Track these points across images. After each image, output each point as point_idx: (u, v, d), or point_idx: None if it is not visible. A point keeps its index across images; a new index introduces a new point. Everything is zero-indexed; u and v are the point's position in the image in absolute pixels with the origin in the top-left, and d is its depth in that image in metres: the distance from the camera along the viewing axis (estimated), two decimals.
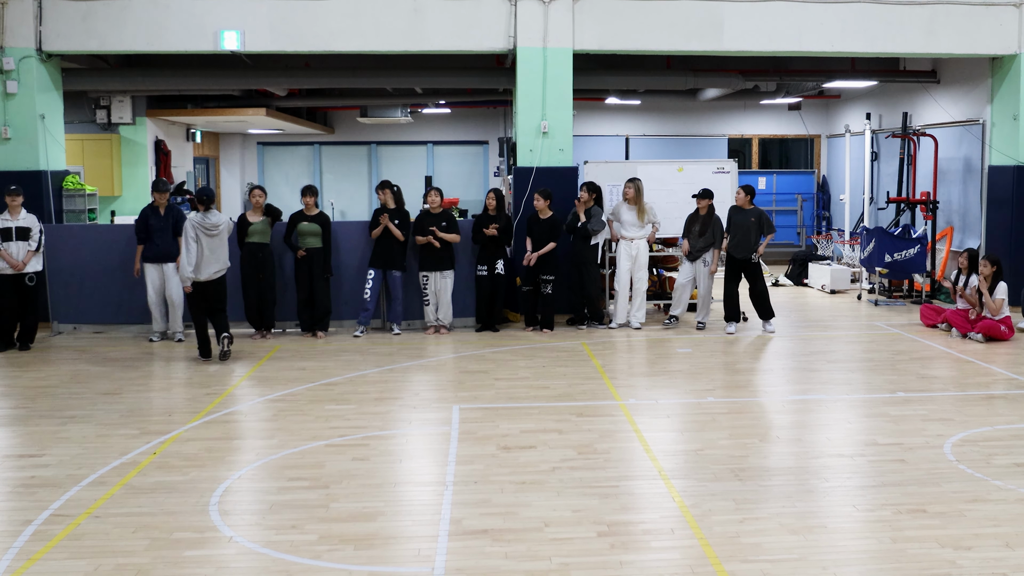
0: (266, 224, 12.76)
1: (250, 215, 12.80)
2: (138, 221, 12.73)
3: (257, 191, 12.93)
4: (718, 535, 5.99)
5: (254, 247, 12.65)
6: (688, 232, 13.26)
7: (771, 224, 13.15)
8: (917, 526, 6.14)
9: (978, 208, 15.92)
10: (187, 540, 5.97)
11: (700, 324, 13.40)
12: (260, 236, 12.67)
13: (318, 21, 13.61)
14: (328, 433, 8.32)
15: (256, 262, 12.67)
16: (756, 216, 13.03)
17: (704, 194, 13.17)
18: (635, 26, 13.86)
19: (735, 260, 13.13)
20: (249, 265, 12.67)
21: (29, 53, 13.50)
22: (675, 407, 9.27)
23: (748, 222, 12.99)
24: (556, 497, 6.70)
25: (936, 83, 17.41)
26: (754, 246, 12.97)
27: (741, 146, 23.65)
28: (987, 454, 7.64)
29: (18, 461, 7.61)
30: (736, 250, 13.07)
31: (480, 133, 24.49)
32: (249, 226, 12.67)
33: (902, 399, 9.46)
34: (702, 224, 13.15)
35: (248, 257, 12.68)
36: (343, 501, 6.64)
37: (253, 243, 12.65)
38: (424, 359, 11.49)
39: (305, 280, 12.87)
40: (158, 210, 12.67)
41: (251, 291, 12.71)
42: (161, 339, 12.80)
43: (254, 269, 12.66)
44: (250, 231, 12.65)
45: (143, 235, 12.60)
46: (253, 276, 12.67)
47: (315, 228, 12.86)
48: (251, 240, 12.65)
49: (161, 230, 12.58)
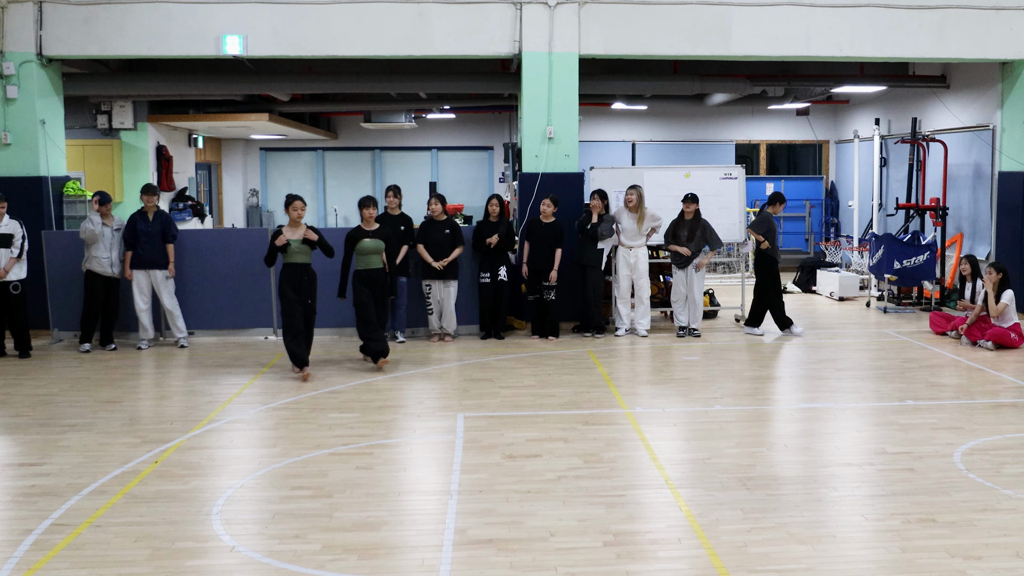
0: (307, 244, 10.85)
1: (289, 231, 10.80)
2: (126, 227, 12.61)
3: (298, 203, 10.88)
4: (725, 545, 5.93)
5: (295, 269, 10.71)
6: (675, 237, 13.20)
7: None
8: (927, 536, 6.08)
9: (988, 214, 15.84)
10: (189, 550, 5.92)
11: (695, 332, 13.34)
12: (302, 255, 10.75)
13: (321, 25, 13.56)
14: (331, 442, 8.26)
15: (300, 286, 10.73)
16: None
17: (691, 198, 13.18)
18: (642, 30, 13.79)
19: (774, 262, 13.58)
20: (292, 291, 10.70)
21: (29, 58, 13.46)
22: (682, 415, 9.19)
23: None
24: (562, 506, 6.64)
25: (946, 88, 17.34)
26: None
27: (749, 152, 23.59)
28: (997, 463, 7.58)
29: (18, 470, 7.56)
30: (774, 252, 13.51)
31: (485, 139, 24.45)
32: (287, 245, 10.72)
33: (911, 407, 9.38)
34: (689, 228, 13.12)
35: (287, 281, 10.71)
36: (347, 510, 6.58)
37: (294, 264, 10.71)
38: (428, 367, 11.43)
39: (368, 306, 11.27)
40: (146, 215, 12.57)
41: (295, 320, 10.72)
42: (150, 346, 12.75)
43: (298, 294, 10.71)
44: (289, 251, 10.70)
45: (131, 240, 12.51)
46: (297, 305, 10.70)
47: (379, 245, 11.23)
48: (292, 261, 10.72)
49: (149, 235, 12.48)
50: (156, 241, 12.52)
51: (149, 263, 12.54)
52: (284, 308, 10.77)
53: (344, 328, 13.28)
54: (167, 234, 12.62)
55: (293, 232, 10.77)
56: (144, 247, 12.48)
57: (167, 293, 12.68)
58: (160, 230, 12.56)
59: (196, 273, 13.12)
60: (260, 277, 13.19)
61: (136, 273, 12.54)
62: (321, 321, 13.18)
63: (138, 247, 12.49)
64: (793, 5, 13.91)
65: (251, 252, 13.16)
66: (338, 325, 13.28)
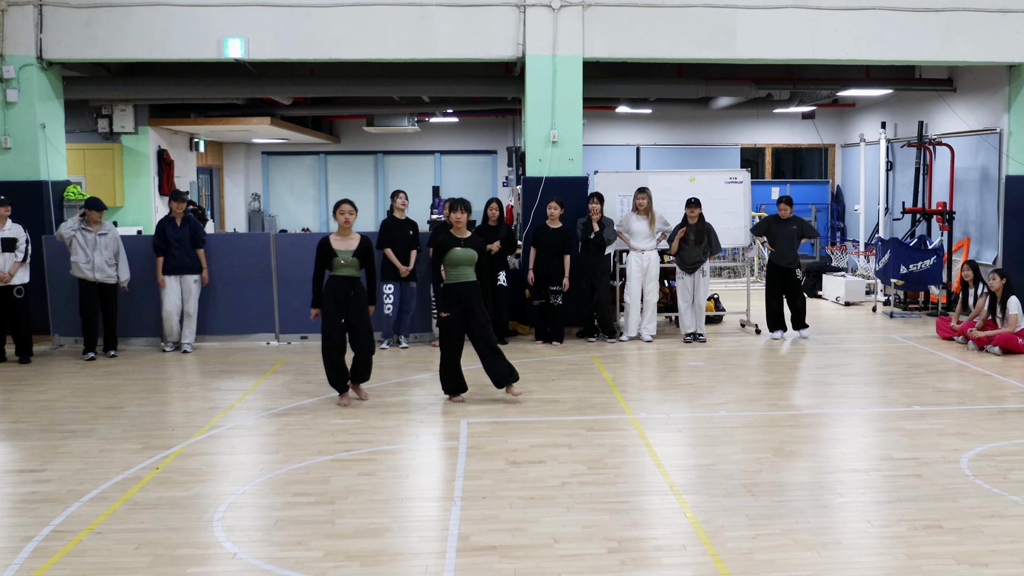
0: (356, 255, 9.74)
1: (336, 240, 9.70)
2: (156, 233, 12.70)
3: (346, 206, 9.75)
4: (731, 551, 5.90)
5: (340, 283, 9.63)
6: (683, 242, 13.12)
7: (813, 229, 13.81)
8: (933, 542, 6.04)
9: (995, 219, 15.76)
10: (190, 557, 5.88)
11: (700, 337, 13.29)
12: (350, 268, 9.62)
13: (324, 28, 13.51)
14: (334, 448, 8.22)
15: (344, 301, 9.65)
16: (798, 224, 13.65)
17: (695, 203, 13.11)
18: (646, 33, 13.73)
19: (778, 269, 13.60)
20: (335, 306, 9.63)
21: (30, 61, 13.39)
22: (687, 421, 9.15)
23: (790, 231, 13.51)
24: (566, 513, 6.60)
25: (952, 91, 17.28)
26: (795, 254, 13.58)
27: (754, 155, 23.56)
28: (1004, 469, 7.53)
29: (18, 476, 7.52)
30: (780, 259, 13.53)
31: (488, 142, 24.44)
32: (334, 256, 9.62)
33: (918, 413, 9.33)
34: (696, 232, 13.06)
35: (331, 294, 9.65)
36: (349, 517, 6.55)
37: (340, 277, 9.63)
38: (432, 372, 11.36)
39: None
40: (174, 221, 12.65)
41: (338, 337, 9.70)
42: (174, 349, 12.78)
43: (338, 310, 9.64)
44: (335, 262, 9.60)
45: (162, 246, 12.55)
46: (336, 321, 9.62)
47: (471, 256, 9.78)
48: (337, 273, 9.63)
49: (179, 240, 12.56)
50: (187, 246, 12.62)
51: (181, 268, 12.63)
52: (323, 325, 9.68)
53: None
54: (196, 239, 12.67)
55: (342, 241, 9.63)
56: (176, 253, 12.56)
57: (194, 299, 12.75)
58: (190, 235, 12.64)
59: None
60: (262, 282, 13.17)
61: (168, 279, 12.59)
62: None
63: (169, 253, 12.55)
64: (799, 8, 13.84)
65: (253, 257, 13.17)
66: None
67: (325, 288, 9.65)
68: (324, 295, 9.62)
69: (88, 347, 12.33)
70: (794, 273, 13.59)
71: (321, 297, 9.67)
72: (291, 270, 13.10)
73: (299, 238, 14.47)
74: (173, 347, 12.81)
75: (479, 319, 9.73)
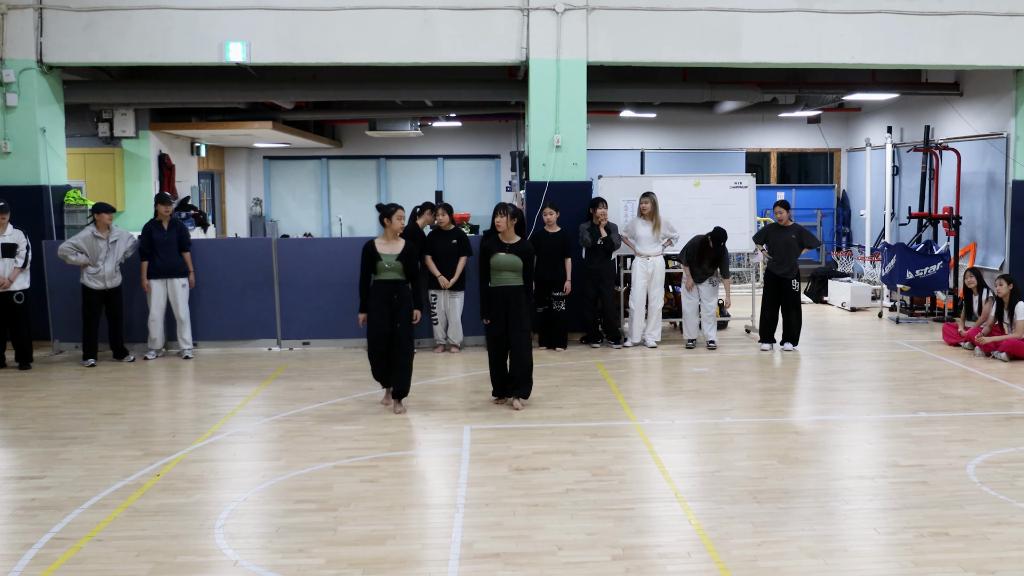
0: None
1: (381, 243, 9.63)
2: (142, 236, 12.57)
3: (401, 211, 9.73)
4: (736, 559, 5.86)
5: (385, 287, 9.53)
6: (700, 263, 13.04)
7: (813, 238, 13.37)
8: (940, 549, 6.01)
9: (1002, 223, 15.71)
10: (191, 564, 5.86)
11: (711, 344, 13.23)
12: (394, 272, 9.52)
13: (326, 32, 13.47)
14: (336, 454, 8.19)
15: (388, 304, 9.55)
16: (796, 233, 13.11)
17: (721, 236, 12.85)
18: (650, 37, 13.69)
19: (775, 278, 13.12)
20: (379, 311, 9.54)
21: (30, 65, 13.36)
22: (691, 428, 9.10)
23: (789, 239, 13.04)
24: (570, 520, 6.56)
25: (959, 96, 17.24)
26: (793, 264, 13.04)
27: (759, 160, 23.52)
28: (1011, 476, 7.49)
29: (19, 483, 7.49)
30: (777, 268, 13.09)
31: (492, 147, 24.43)
32: (378, 259, 9.56)
33: (924, 419, 9.28)
34: (712, 260, 12.99)
35: (376, 298, 9.54)
36: (351, 524, 6.51)
37: (384, 281, 9.55)
38: (434, 379, 11.35)
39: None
40: (161, 224, 12.53)
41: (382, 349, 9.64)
42: (157, 357, 12.69)
43: (382, 314, 9.54)
44: (379, 266, 9.53)
45: (147, 250, 12.46)
46: (385, 326, 9.54)
47: (515, 262, 9.79)
48: (382, 278, 9.55)
49: (165, 244, 12.45)
50: (173, 250, 12.51)
51: (167, 272, 12.52)
52: (368, 332, 9.63)
53: (347, 340, 13.19)
54: (183, 242, 12.60)
55: (386, 245, 9.58)
56: (161, 256, 12.46)
57: (183, 303, 12.64)
58: (176, 238, 12.54)
59: (199, 283, 12.98)
60: (263, 288, 13.13)
61: (153, 283, 12.50)
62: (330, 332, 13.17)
63: (155, 257, 12.45)
64: (804, 12, 13.80)
65: (255, 262, 13.12)
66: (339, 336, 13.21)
67: (372, 291, 9.61)
68: (370, 300, 9.58)
69: (88, 353, 12.28)
70: (790, 284, 13.01)
71: (368, 302, 9.61)
72: (293, 275, 13.07)
73: (301, 243, 14.40)
74: (156, 355, 12.70)
75: (514, 326, 9.70)
